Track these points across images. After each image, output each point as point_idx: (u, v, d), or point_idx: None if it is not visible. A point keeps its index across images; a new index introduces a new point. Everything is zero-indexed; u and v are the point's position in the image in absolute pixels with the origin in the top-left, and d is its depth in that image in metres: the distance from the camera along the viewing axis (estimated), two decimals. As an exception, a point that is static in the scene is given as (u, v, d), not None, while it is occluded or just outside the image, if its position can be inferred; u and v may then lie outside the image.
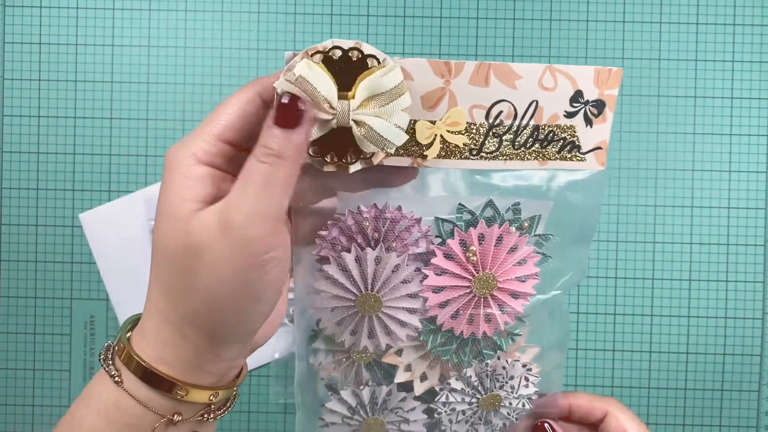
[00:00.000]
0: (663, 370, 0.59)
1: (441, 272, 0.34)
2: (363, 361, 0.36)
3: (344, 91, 0.29)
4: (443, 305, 0.34)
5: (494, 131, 0.32)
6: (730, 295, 0.59)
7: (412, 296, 0.34)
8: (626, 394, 0.59)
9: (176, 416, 0.30)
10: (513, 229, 0.34)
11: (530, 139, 0.32)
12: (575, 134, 0.33)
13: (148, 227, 0.50)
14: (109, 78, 0.58)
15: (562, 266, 0.36)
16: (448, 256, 0.34)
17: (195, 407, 0.31)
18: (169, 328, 0.29)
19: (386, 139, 0.29)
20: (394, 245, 0.33)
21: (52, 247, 0.58)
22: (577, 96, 0.32)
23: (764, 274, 0.58)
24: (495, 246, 0.34)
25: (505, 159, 0.32)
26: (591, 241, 0.36)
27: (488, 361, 0.36)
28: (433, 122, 0.31)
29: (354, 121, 0.28)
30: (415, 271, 0.34)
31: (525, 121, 0.32)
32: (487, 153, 0.32)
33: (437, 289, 0.34)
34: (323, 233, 0.34)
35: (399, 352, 0.36)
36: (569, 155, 0.33)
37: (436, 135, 0.31)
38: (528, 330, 0.37)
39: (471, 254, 0.34)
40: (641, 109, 0.58)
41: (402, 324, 0.34)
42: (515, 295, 0.35)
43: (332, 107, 0.28)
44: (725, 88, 0.58)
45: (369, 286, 0.33)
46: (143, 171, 0.58)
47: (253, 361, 0.50)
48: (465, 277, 0.34)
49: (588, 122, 0.33)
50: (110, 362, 0.30)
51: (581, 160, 0.33)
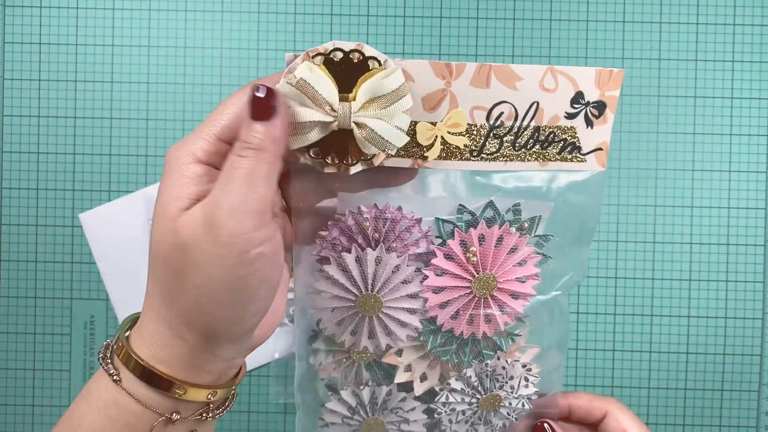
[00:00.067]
0: (663, 370, 0.59)
1: (441, 273, 0.34)
2: (363, 362, 0.36)
3: (345, 93, 0.29)
4: (443, 306, 0.34)
5: (495, 132, 0.32)
6: (730, 295, 0.59)
7: (413, 297, 0.34)
8: (626, 394, 0.59)
9: (174, 415, 0.30)
10: (513, 230, 0.34)
11: (531, 141, 0.32)
12: (576, 135, 0.33)
13: (148, 227, 0.50)
14: (109, 78, 0.58)
15: (562, 267, 0.36)
16: (449, 257, 0.34)
17: (193, 406, 0.31)
18: (166, 328, 0.29)
19: (387, 141, 0.29)
20: (395, 245, 0.33)
21: (52, 247, 0.58)
22: (578, 97, 0.32)
23: (764, 274, 0.59)
24: (495, 246, 0.34)
25: (506, 160, 0.32)
26: (591, 242, 0.36)
27: (488, 362, 0.36)
28: (434, 123, 0.31)
29: (355, 123, 0.29)
30: (416, 272, 0.34)
31: (526, 123, 0.32)
32: (488, 154, 0.32)
33: (437, 290, 0.34)
34: (323, 233, 0.34)
35: (399, 353, 0.36)
36: (570, 156, 0.33)
37: (437, 136, 0.31)
38: (528, 330, 0.37)
39: (471, 255, 0.34)
40: (641, 109, 0.58)
41: (402, 324, 0.34)
42: (515, 296, 0.35)
43: (333, 109, 0.28)
44: (725, 88, 0.58)
45: (369, 287, 0.34)
46: (143, 171, 0.58)
47: (253, 361, 0.50)
48: (465, 278, 0.34)
49: (589, 123, 0.33)
50: (109, 361, 0.30)
51: (582, 161, 0.33)
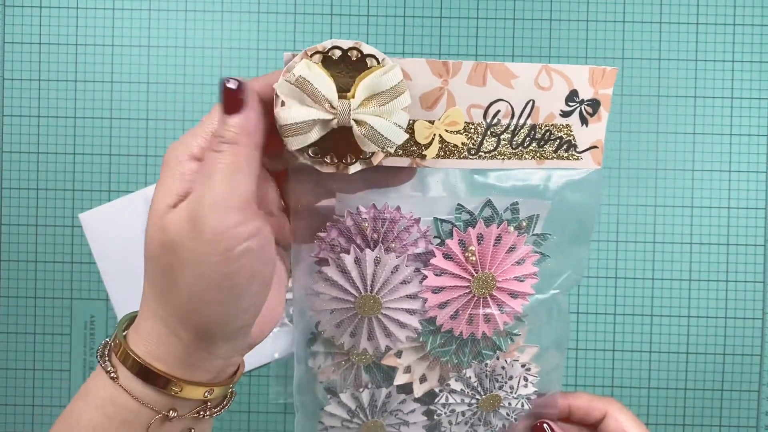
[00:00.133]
0: (663, 370, 0.59)
1: (440, 272, 0.34)
2: (362, 364, 0.36)
3: (343, 91, 0.29)
4: (442, 306, 0.34)
5: (492, 131, 0.32)
6: (730, 295, 0.59)
7: (412, 297, 0.34)
8: (626, 394, 0.59)
9: (171, 412, 0.30)
10: (511, 229, 0.34)
11: (527, 139, 0.32)
12: (571, 133, 0.33)
13: (148, 227, 0.50)
14: (109, 78, 0.58)
15: (561, 266, 0.36)
16: (447, 257, 0.34)
17: (190, 404, 0.31)
18: (162, 326, 0.29)
19: (387, 138, 0.29)
20: (393, 246, 0.33)
21: (52, 247, 0.58)
22: (573, 95, 0.32)
23: (764, 274, 0.58)
24: (494, 246, 0.34)
25: (503, 158, 0.32)
26: (590, 241, 0.36)
27: (487, 362, 0.36)
28: (432, 122, 0.31)
29: (355, 121, 0.28)
30: (415, 272, 0.34)
31: (522, 121, 0.32)
32: (486, 152, 0.32)
33: (436, 290, 0.34)
34: (322, 234, 0.34)
35: (398, 354, 0.36)
36: (566, 154, 0.33)
37: (435, 135, 0.31)
38: (527, 330, 0.37)
39: (470, 254, 0.34)
40: (641, 109, 0.58)
41: (401, 325, 0.34)
42: (514, 295, 0.35)
43: (333, 107, 0.28)
44: (725, 88, 0.58)
45: (368, 288, 0.33)
46: (143, 171, 0.58)
47: (253, 361, 0.50)
48: (464, 278, 0.34)
49: (583, 121, 0.33)
50: (107, 359, 0.30)
51: (578, 159, 0.33)
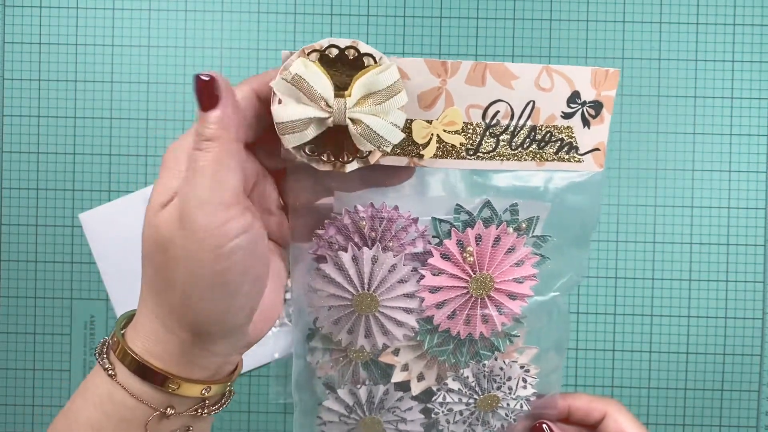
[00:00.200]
0: (663, 370, 0.59)
1: (438, 272, 0.34)
2: (360, 360, 0.36)
3: (341, 90, 0.29)
4: (440, 305, 0.34)
5: (491, 131, 0.32)
6: (730, 295, 0.58)
7: (409, 296, 0.34)
8: (626, 394, 0.59)
9: (169, 410, 0.30)
10: (510, 230, 0.34)
11: (527, 140, 0.32)
12: (573, 135, 0.33)
13: (148, 227, 0.50)
14: (109, 78, 0.58)
15: (561, 268, 0.36)
16: (445, 257, 0.34)
17: (188, 401, 0.31)
18: (159, 324, 0.29)
19: (383, 137, 0.29)
20: (391, 245, 0.33)
21: (52, 247, 0.58)
22: (574, 97, 0.32)
23: (764, 274, 0.58)
24: (492, 247, 0.34)
25: (502, 159, 0.32)
26: (590, 243, 0.36)
27: (485, 362, 0.36)
28: (430, 122, 0.31)
29: (350, 119, 0.28)
30: (412, 271, 0.34)
31: (522, 122, 0.32)
32: (484, 153, 0.32)
33: (434, 289, 0.34)
34: (320, 232, 0.34)
35: (396, 352, 0.36)
36: (567, 156, 0.33)
37: (433, 134, 0.31)
38: (526, 331, 0.37)
39: (468, 255, 0.34)
40: (641, 109, 0.58)
41: (399, 324, 0.34)
42: (513, 296, 0.35)
43: (329, 105, 0.28)
44: (725, 88, 0.58)
45: (365, 286, 0.33)
46: (143, 171, 0.58)
47: (253, 361, 0.50)
48: (462, 278, 0.34)
49: (585, 123, 0.33)
50: (105, 357, 0.31)
51: (579, 162, 0.33)
